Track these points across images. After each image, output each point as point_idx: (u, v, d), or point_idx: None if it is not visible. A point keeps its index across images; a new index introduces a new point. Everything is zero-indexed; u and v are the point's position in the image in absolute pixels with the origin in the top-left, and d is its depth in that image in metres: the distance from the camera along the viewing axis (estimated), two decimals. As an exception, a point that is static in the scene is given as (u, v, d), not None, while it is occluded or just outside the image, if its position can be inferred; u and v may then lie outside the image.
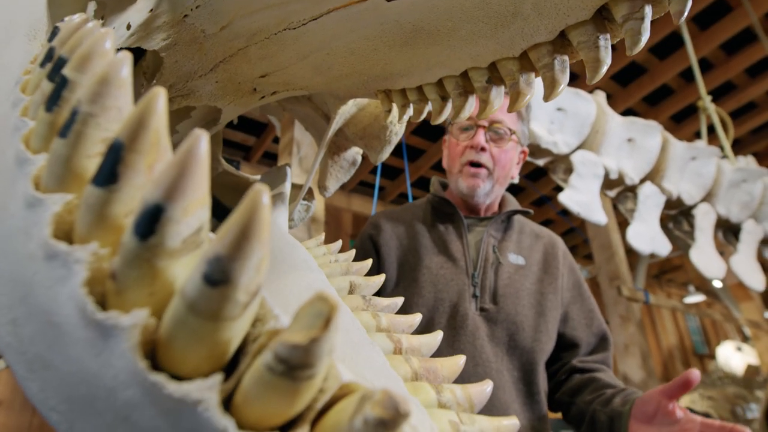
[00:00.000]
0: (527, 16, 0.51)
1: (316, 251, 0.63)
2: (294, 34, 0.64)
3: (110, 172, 0.25)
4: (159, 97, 0.25)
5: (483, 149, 1.17)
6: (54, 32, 0.40)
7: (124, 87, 0.28)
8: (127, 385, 0.22)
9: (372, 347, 0.40)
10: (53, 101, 0.31)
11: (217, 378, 0.22)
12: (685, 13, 0.43)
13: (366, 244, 1.24)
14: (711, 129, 4.03)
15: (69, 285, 0.24)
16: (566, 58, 0.54)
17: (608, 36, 0.50)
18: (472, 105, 0.64)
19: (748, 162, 2.44)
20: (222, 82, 0.72)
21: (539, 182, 5.75)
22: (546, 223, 6.75)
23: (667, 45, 4.09)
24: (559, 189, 1.63)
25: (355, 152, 1.02)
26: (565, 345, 1.18)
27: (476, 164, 1.18)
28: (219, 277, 0.20)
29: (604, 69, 0.50)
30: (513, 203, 1.31)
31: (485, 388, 0.37)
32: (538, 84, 0.58)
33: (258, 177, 1.01)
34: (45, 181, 0.28)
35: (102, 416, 0.23)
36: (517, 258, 1.21)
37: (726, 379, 4.82)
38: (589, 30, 0.50)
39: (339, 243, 0.65)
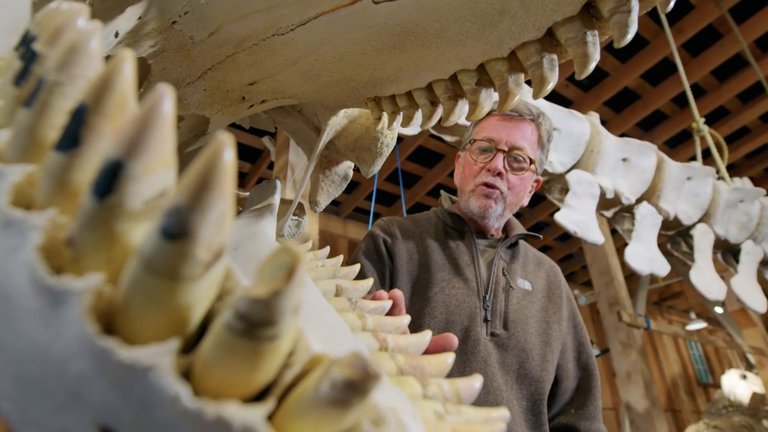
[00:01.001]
0: (515, 13, 0.51)
1: (303, 257, 0.61)
2: (283, 40, 0.64)
3: (73, 136, 0.24)
4: (126, 59, 0.24)
5: (500, 174, 1.15)
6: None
7: (92, 57, 0.27)
8: (77, 356, 0.20)
9: (355, 342, 0.38)
10: (22, 76, 0.30)
11: (173, 344, 0.20)
12: (671, 3, 0.43)
13: (380, 249, 1.18)
14: (706, 153, 4.07)
15: (23, 253, 0.23)
16: (555, 56, 0.53)
17: (596, 32, 0.50)
18: (462, 109, 0.63)
19: (744, 183, 2.44)
20: (210, 90, 0.71)
21: (536, 208, 5.76)
22: (544, 249, 6.73)
23: (659, 71, 4.16)
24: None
25: (347, 166, 1.01)
26: (556, 377, 1.15)
27: (491, 186, 1.16)
28: (177, 229, 0.19)
29: (593, 65, 0.50)
30: (519, 227, 1.29)
31: (474, 383, 0.35)
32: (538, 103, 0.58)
33: (247, 193, 1.00)
34: (8, 153, 0.27)
35: (53, 397, 0.21)
36: (524, 283, 1.18)
37: (731, 408, 4.73)
38: (576, 26, 0.50)
39: (327, 249, 0.63)
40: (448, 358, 0.40)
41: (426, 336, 0.45)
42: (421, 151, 4.77)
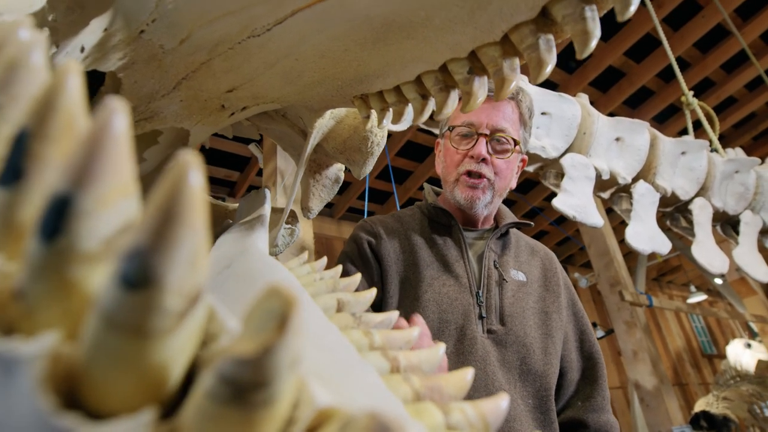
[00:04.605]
0: (505, -7, 0.47)
1: (299, 271, 0.58)
2: (259, 42, 0.60)
3: (14, 168, 0.20)
4: (71, 71, 0.20)
5: (485, 160, 1.09)
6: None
7: (36, 73, 0.23)
8: (32, 437, 0.17)
9: (364, 368, 0.34)
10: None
11: (147, 415, 0.16)
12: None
13: (365, 252, 1.13)
14: (696, 126, 4.05)
15: (-40, 313, 0.19)
16: (551, 36, 0.50)
17: (594, 6, 0.46)
18: (455, 100, 0.60)
19: (737, 153, 2.42)
20: (187, 100, 0.67)
21: (529, 194, 5.73)
22: (540, 234, 6.72)
23: (642, 48, 4.14)
24: (550, 199, 1.59)
25: (338, 169, 0.97)
26: (560, 369, 1.10)
27: (476, 175, 1.10)
28: (139, 276, 0.15)
29: (594, 42, 0.46)
30: (509, 215, 1.24)
31: (500, 403, 0.32)
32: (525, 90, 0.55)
33: (236, 205, 0.96)
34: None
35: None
36: (518, 274, 1.13)
37: (739, 378, 4.74)
38: (573, 2, 0.46)
39: (324, 260, 0.60)
40: (467, 375, 0.36)
41: (440, 350, 0.41)
42: (410, 146, 4.73)
